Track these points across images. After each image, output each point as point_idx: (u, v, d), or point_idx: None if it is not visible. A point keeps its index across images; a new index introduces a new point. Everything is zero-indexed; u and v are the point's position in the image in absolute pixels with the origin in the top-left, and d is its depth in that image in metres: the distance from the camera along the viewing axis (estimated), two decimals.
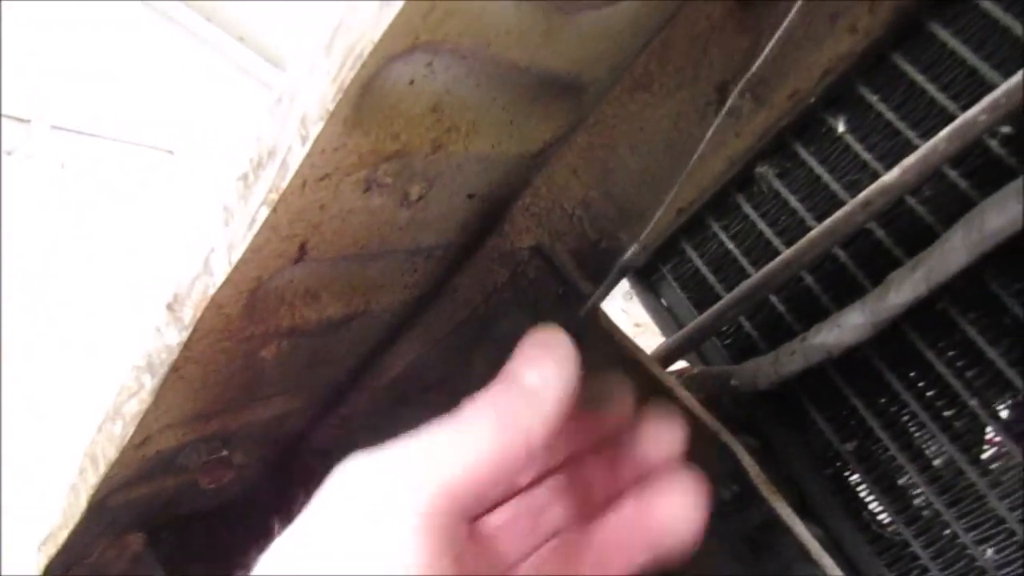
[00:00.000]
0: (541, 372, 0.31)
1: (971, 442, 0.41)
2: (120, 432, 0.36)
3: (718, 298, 0.50)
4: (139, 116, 2.32)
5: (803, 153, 0.48)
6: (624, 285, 0.59)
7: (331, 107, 0.26)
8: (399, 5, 0.24)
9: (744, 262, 0.50)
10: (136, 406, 0.35)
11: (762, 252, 0.49)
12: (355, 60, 0.25)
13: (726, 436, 0.44)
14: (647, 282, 0.55)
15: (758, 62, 0.34)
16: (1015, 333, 0.40)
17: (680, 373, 0.51)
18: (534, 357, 0.32)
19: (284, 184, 0.27)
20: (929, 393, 0.42)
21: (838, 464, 0.45)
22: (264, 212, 0.28)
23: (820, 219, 0.45)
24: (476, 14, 0.30)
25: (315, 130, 0.26)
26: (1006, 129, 0.41)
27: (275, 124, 0.27)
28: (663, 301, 0.54)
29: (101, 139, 2.42)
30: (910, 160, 0.41)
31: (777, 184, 0.48)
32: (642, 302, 0.55)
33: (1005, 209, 0.36)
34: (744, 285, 0.46)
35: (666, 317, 0.53)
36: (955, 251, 0.38)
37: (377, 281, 0.48)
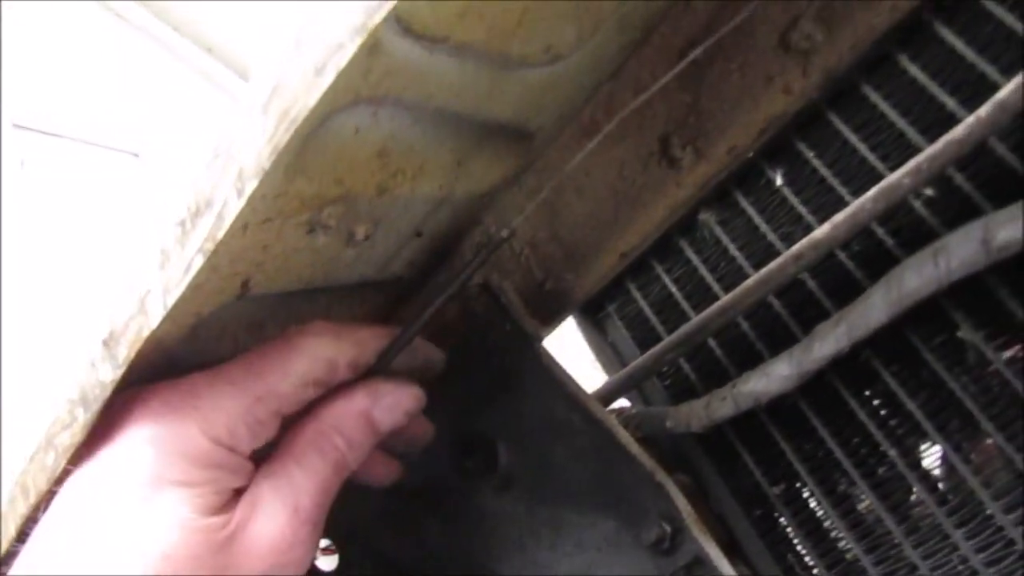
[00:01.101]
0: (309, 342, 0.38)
1: (890, 490, 0.43)
2: (52, 463, 0.36)
3: (660, 339, 0.51)
4: (105, 118, 2.28)
5: (743, 202, 0.50)
6: None
7: (266, 166, 0.26)
8: (332, 75, 0.24)
9: (685, 305, 0.51)
10: (68, 439, 0.35)
11: (702, 296, 0.51)
12: (290, 123, 0.26)
13: (661, 476, 0.45)
14: (593, 320, 0.56)
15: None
16: (932, 386, 0.42)
17: (620, 412, 0.52)
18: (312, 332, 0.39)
19: (220, 234, 0.28)
20: (853, 441, 0.44)
21: (767, 506, 0.47)
22: (199, 260, 0.29)
23: (757, 267, 0.47)
24: (417, 72, 0.31)
25: (251, 186, 0.27)
26: (929, 192, 0.43)
27: (213, 175, 0.28)
28: (608, 339, 0.55)
29: (64, 139, 2.38)
30: (840, 217, 0.43)
31: (718, 231, 0.50)
32: (587, 339, 0.56)
33: (921, 271, 0.38)
34: (683, 329, 0.48)
35: (611, 355, 0.55)
36: (875, 308, 0.40)
37: (324, 314, 0.48)
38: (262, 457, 0.36)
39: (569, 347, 0.59)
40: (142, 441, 0.34)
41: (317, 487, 0.35)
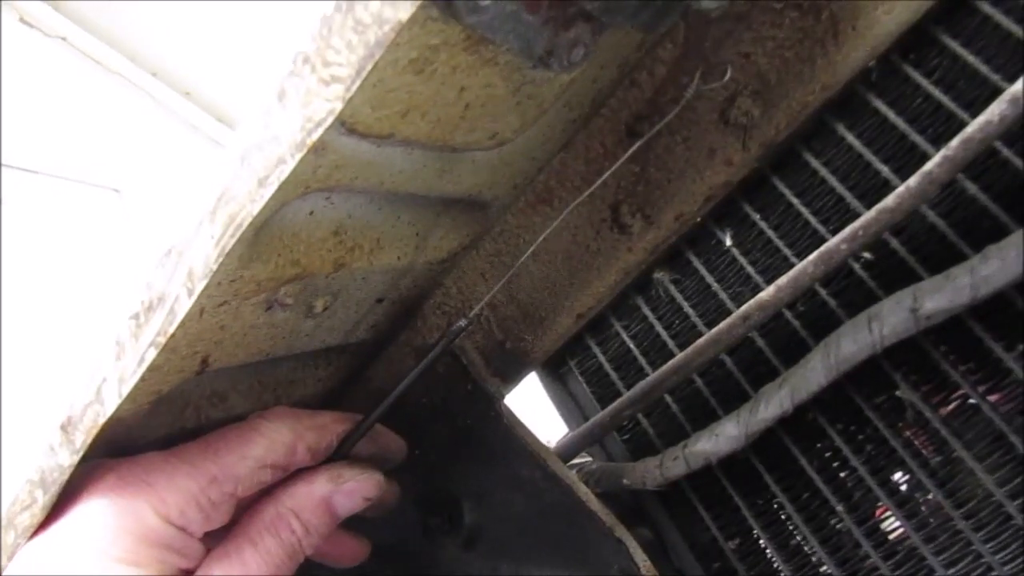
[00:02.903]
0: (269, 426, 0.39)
1: (839, 544, 0.44)
2: (12, 542, 0.37)
3: (619, 394, 0.53)
4: (85, 156, 2.29)
5: (695, 262, 0.51)
6: None
7: (214, 267, 0.27)
8: (275, 186, 0.26)
9: (643, 361, 0.53)
10: (28, 520, 0.35)
11: (659, 353, 0.52)
12: (236, 229, 0.27)
13: (621, 532, 0.46)
14: (555, 374, 0.57)
15: None
16: (875, 443, 0.44)
17: (581, 467, 0.53)
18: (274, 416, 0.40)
19: (172, 329, 0.29)
20: (803, 496, 0.46)
21: (724, 560, 0.48)
22: (152, 352, 0.30)
23: (710, 325, 0.49)
24: (366, 163, 0.32)
25: (200, 285, 0.28)
26: (867, 255, 0.45)
27: (164, 274, 0.29)
28: (570, 393, 0.56)
29: (44, 175, 2.38)
30: (783, 280, 0.45)
31: (672, 290, 0.52)
32: (549, 394, 0.57)
33: (857, 337, 0.40)
34: (638, 387, 0.49)
35: (573, 409, 0.56)
36: (815, 372, 0.41)
37: (288, 377, 0.49)
38: (214, 543, 0.37)
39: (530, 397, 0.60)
40: (91, 516, 0.34)
41: (270, 571, 0.35)
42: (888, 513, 0.43)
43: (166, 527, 0.34)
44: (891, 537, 0.43)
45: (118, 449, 0.38)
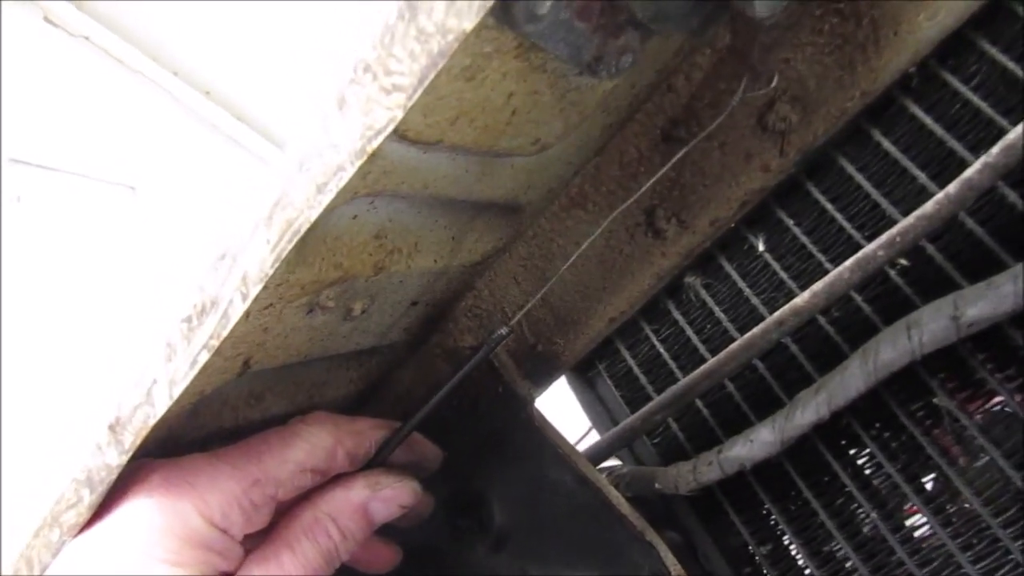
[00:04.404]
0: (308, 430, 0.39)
1: (873, 551, 0.44)
2: (57, 540, 0.37)
3: (648, 398, 0.53)
4: (101, 153, 2.30)
5: (727, 267, 0.51)
6: None
7: (269, 272, 0.28)
8: (333, 193, 0.26)
9: (673, 366, 0.53)
10: (74, 518, 0.36)
11: (689, 358, 0.52)
12: (293, 235, 0.27)
13: (651, 535, 0.46)
14: (584, 378, 0.57)
15: None
16: (911, 450, 0.43)
17: (611, 471, 0.53)
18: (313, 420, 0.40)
19: (225, 332, 0.29)
20: (836, 502, 0.45)
21: (755, 565, 0.48)
22: (205, 355, 0.30)
23: (742, 331, 0.49)
24: (412, 169, 0.33)
25: (255, 290, 0.28)
26: (903, 261, 0.45)
27: (218, 278, 0.29)
28: (598, 397, 0.56)
29: (60, 173, 2.39)
30: (819, 285, 0.45)
31: (704, 295, 0.52)
32: (578, 397, 0.57)
33: (896, 343, 0.40)
34: (670, 391, 0.49)
35: (601, 413, 0.56)
36: (853, 378, 0.41)
37: (322, 378, 0.49)
38: (253, 547, 0.37)
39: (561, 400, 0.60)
40: (136, 516, 0.35)
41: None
42: (923, 518, 0.43)
43: (209, 528, 0.34)
44: (926, 544, 0.43)
45: (159, 449, 0.39)
